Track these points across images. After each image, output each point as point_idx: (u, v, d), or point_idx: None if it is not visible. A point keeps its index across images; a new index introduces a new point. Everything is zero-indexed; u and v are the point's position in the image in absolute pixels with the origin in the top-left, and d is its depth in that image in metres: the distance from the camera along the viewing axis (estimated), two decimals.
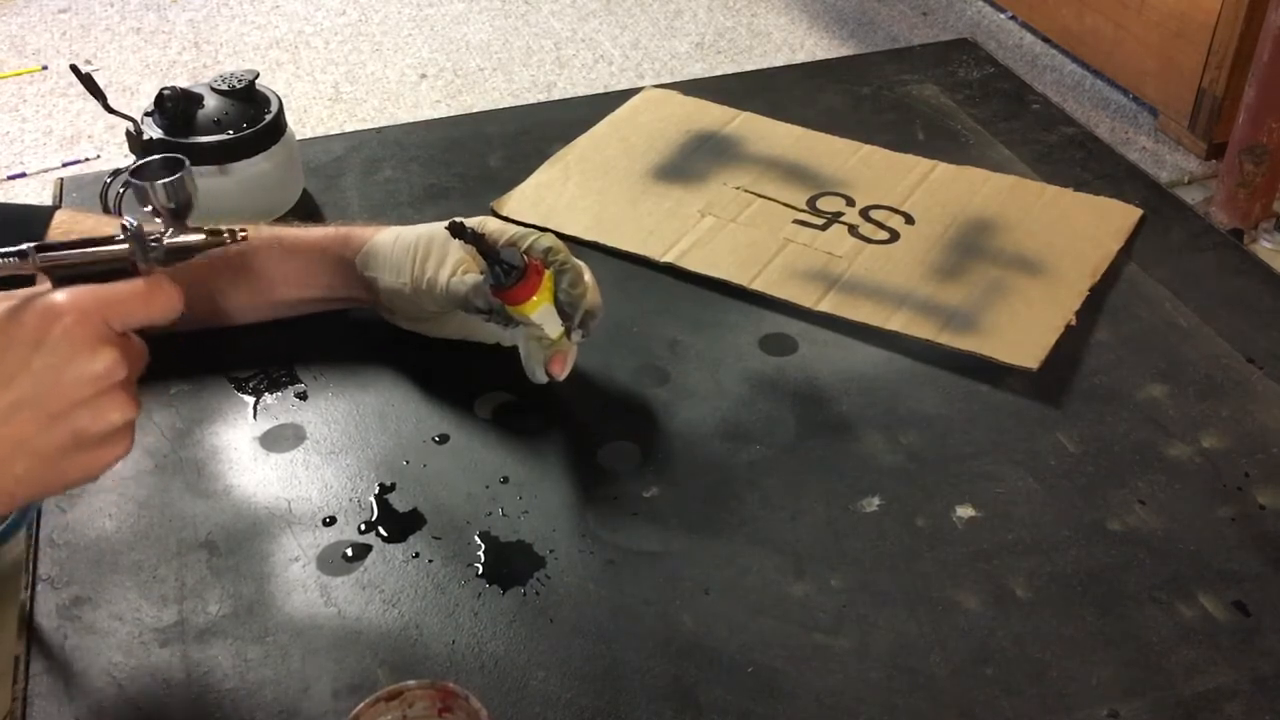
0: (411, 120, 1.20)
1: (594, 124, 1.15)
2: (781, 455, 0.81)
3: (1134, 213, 1.03)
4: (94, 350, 0.57)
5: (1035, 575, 0.72)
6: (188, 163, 0.64)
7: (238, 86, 0.99)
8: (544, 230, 0.83)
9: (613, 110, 1.17)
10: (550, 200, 1.05)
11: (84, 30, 3.11)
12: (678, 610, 0.70)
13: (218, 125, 0.98)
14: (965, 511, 0.76)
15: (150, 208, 0.64)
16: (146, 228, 0.62)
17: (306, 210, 1.05)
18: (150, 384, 0.86)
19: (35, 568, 0.73)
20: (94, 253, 0.61)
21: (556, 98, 2.70)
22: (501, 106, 1.54)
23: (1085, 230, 1.00)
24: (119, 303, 0.59)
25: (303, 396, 0.85)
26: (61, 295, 0.58)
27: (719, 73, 2.41)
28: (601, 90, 2.59)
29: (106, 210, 0.97)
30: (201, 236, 0.64)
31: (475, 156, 1.12)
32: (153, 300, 0.60)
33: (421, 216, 1.03)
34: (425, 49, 3.02)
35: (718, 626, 0.69)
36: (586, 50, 3.01)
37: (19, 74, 2.92)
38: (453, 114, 1.98)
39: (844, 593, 0.71)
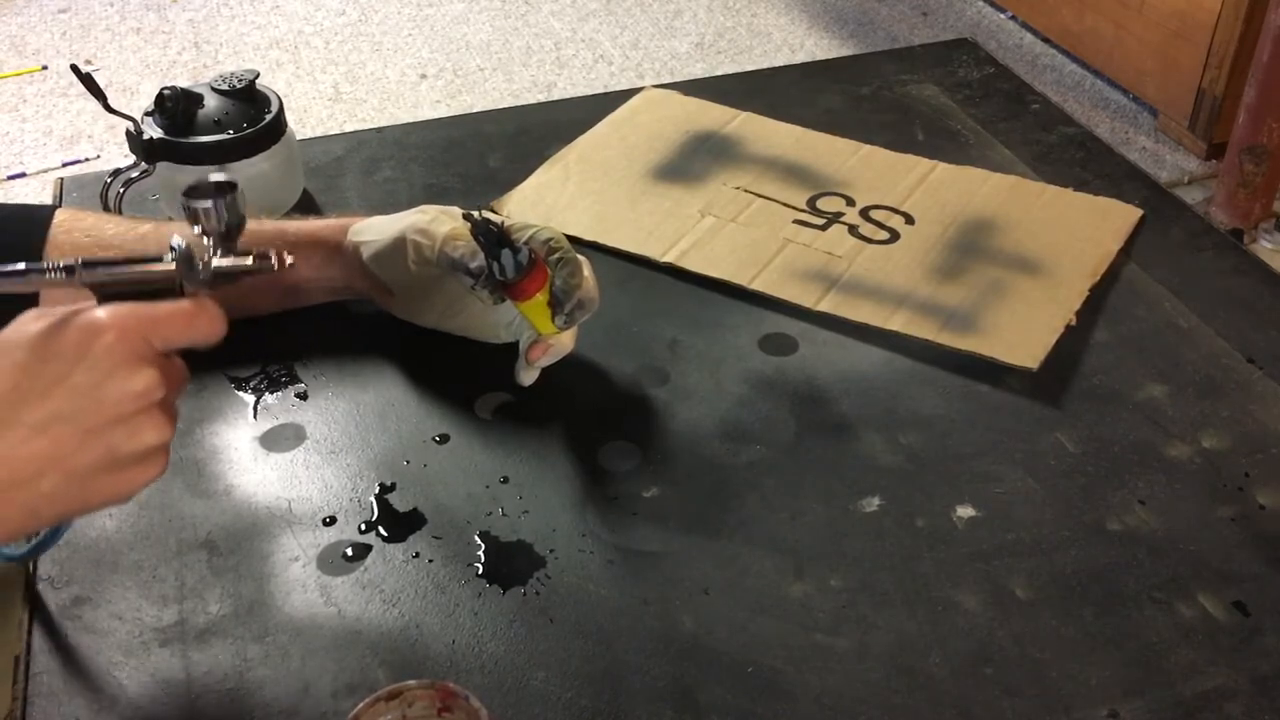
0: (411, 120, 1.20)
1: (594, 124, 1.15)
2: (781, 455, 0.81)
3: (1134, 213, 1.03)
4: (134, 368, 0.57)
5: (1035, 575, 0.72)
6: (240, 185, 0.63)
7: (238, 86, 0.99)
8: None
9: (613, 110, 1.17)
10: (550, 200, 1.05)
11: (84, 30, 3.11)
12: (677, 610, 0.70)
13: (218, 125, 0.98)
14: (965, 512, 0.76)
15: (199, 229, 0.63)
16: (195, 249, 0.61)
17: (307, 210, 1.05)
18: None
19: (36, 567, 0.73)
20: (140, 272, 0.61)
21: (556, 98, 2.70)
22: (501, 106, 1.54)
23: (1085, 230, 1.00)
24: (162, 322, 0.58)
25: (303, 396, 0.85)
26: (104, 311, 0.57)
27: (719, 73, 2.41)
28: (601, 90, 2.60)
29: (106, 210, 0.98)
30: (249, 262, 0.63)
31: (475, 156, 1.12)
32: (196, 322, 0.59)
33: None
34: (425, 49, 3.02)
35: (717, 626, 0.69)
36: (586, 50, 3.01)
37: (19, 74, 2.92)
38: (453, 114, 1.98)
39: (844, 593, 0.71)
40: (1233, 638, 0.69)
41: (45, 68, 2.94)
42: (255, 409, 0.85)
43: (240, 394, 0.86)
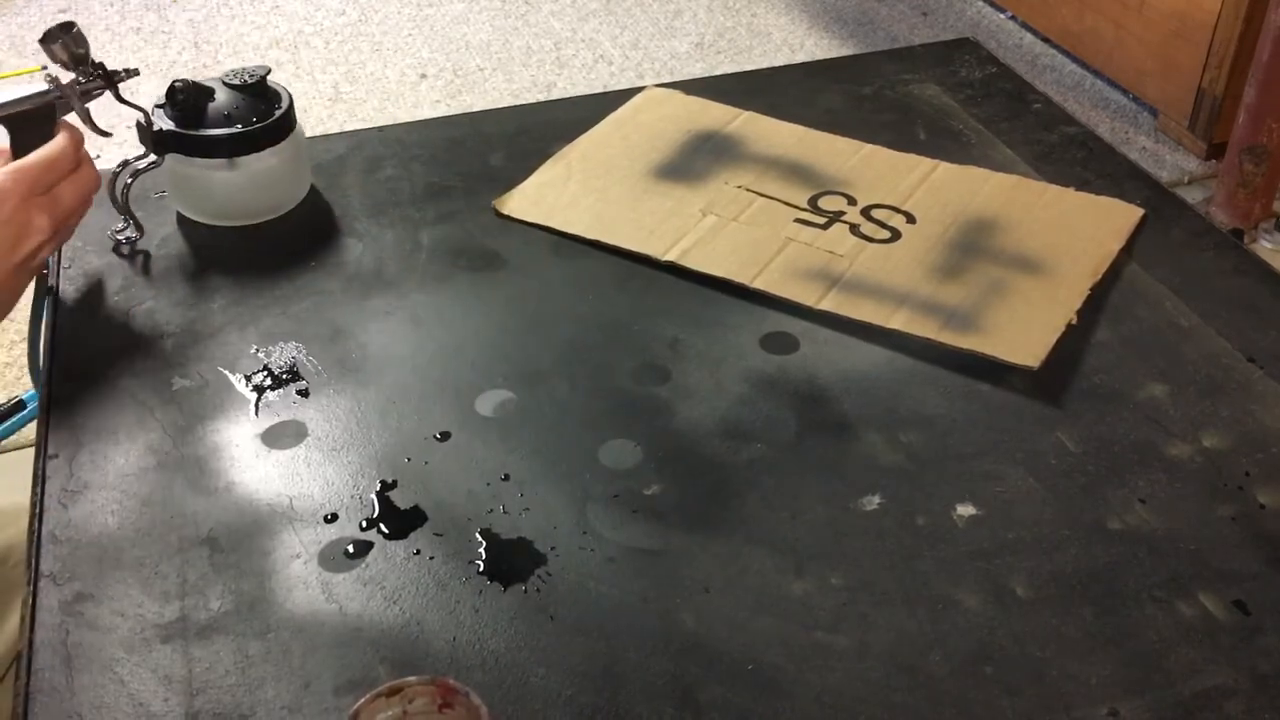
0: (411, 120, 1.20)
1: (594, 124, 1.15)
2: (782, 454, 0.81)
3: (1135, 212, 1.03)
4: (35, 217, 0.84)
5: (1035, 574, 0.72)
6: (77, 24, 0.90)
7: (249, 81, 1.00)
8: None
9: (613, 110, 1.17)
10: (552, 199, 1.05)
11: (84, 30, 3.10)
12: (678, 608, 0.70)
13: (228, 119, 0.98)
14: (965, 510, 0.76)
15: (59, 63, 0.90)
16: (62, 78, 0.89)
17: (314, 206, 1.06)
18: (152, 381, 0.86)
19: (37, 564, 0.73)
20: (28, 99, 0.89)
21: (556, 97, 2.70)
22: (501, 106, 1.54)
23: (1086, 230, 1.00)
24: (45, 172, 0.85)
25: (304, 393, 0.85)
26: (3, 177, 0.83)
27: (719, 73, 2.41)
28: (601, 90, 2.60)
29: (115, 202, 0.99)
30: (100, 83, 0.92)
31: (476, 155, 1.12)
32: (59, 164, 0.87)
33: (423, 215, 1.04)
34: (425, 49, 3.02)
35: (718, 625, 0.69)
36: (586, 50, 3.01)
37: (19, 74, 2.92)
38: (452, 114, 1.98)
39: (844, 591, 0.71)
40: (1233, 637, 0.69)
41: (45, 68, 2.94)
42: (257, 406, 0.85)
43: (242, 391, 0.86)
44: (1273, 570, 0.73)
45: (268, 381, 0.87)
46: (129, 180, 0.99)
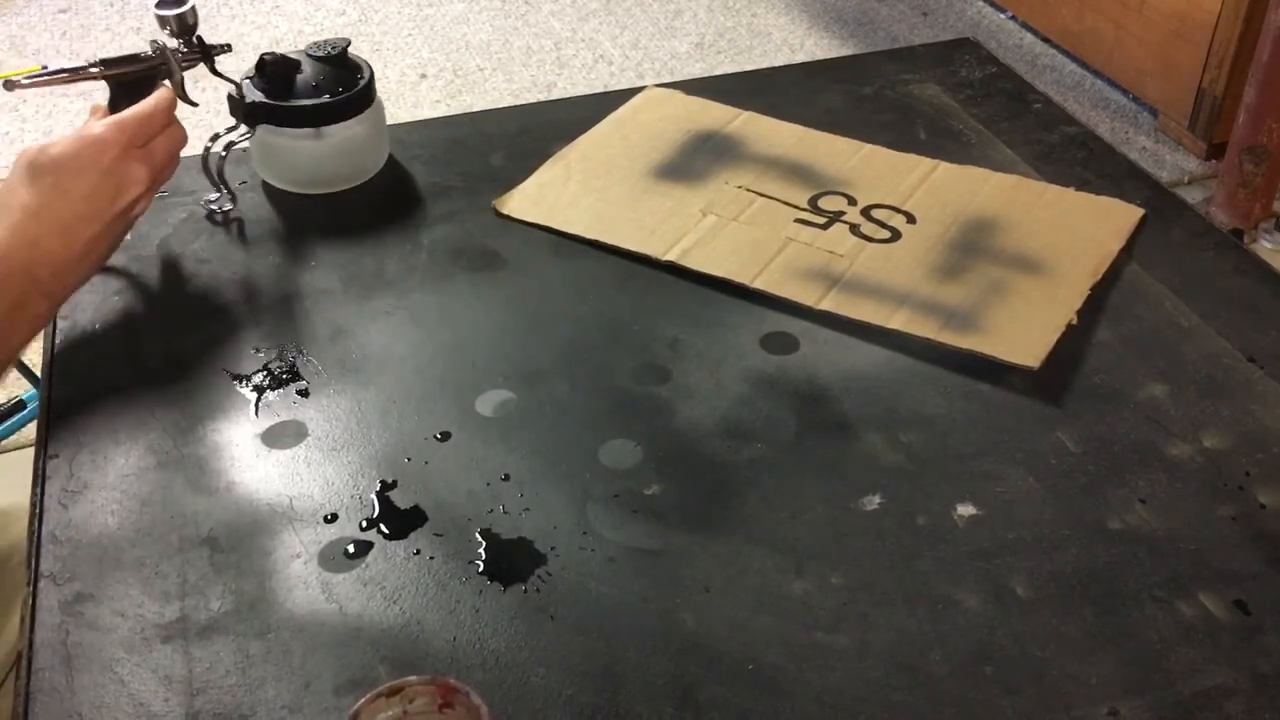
0: (411, 120, 1.21)
1: (594, 124, 1.15)
2: (782, 454, 0.81)
3: (1135, 212, 1.03)
4: (134, 169, 0.87)
5: (1035, 574, 0.72)
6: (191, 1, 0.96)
7: (332, 53, 1.03)
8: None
9: (613, 110, 1.17)
10: (552, 199, 1.05)
11: (84, 30, 3.11)
12: (678, 608, 0.70)
13: (315, 90, 1.02)
14: (966, 510, 0.76)
15: (168, 29, 0.97)
16: (170, 45, 0.96)
17: (393, 175, 1.08)
18: (153, 381, 0.86)
19: (38, 564, 0.73)
20: (139, 65, 0.95)
21: (556, 97, 2.70)
22: (502, 106, 1.54)
23: (1086, 230, 1.00)
24: (143, 126, 0.88)
25: (304, 394, 0.85)
26: (102, 128, 0.86)
27: (719, 73, 2.41)
28: (601, 90, 2.60)
29: (208, 173, 1.03)
30: (198, 55, 0.97)
31: (477, 155, 1.12)
32: (154, 119, 0.89)
33: (424, 214, 1.04)
34: (425, 49, 3.02)
35: (718, 624, 0.69)
36: (586, 50, 3.01)
37: (18, 74, 2.92)
38: (453, 114, 1.98)
39: (844, 591, 0.71)
40: (1233, 636, 0.69)
41: (45, 67, 2.94)
42: (257, 406, 0.85)
43: (242, 391, 0.86)
44: (1273, 570, 0.73)
45: (268, 381, 0.87)
46: (222, 152, 1.02)
